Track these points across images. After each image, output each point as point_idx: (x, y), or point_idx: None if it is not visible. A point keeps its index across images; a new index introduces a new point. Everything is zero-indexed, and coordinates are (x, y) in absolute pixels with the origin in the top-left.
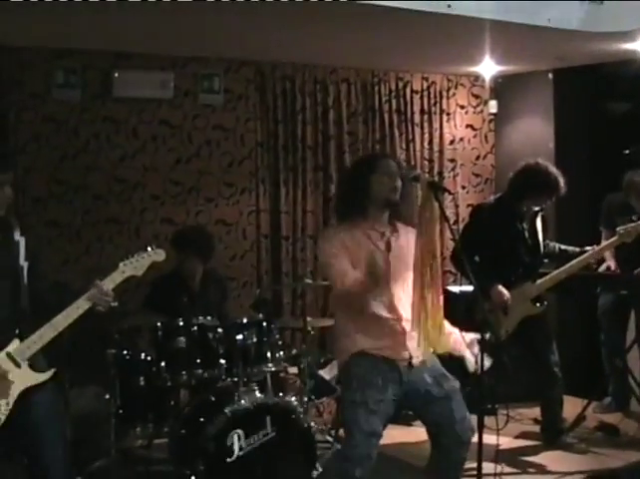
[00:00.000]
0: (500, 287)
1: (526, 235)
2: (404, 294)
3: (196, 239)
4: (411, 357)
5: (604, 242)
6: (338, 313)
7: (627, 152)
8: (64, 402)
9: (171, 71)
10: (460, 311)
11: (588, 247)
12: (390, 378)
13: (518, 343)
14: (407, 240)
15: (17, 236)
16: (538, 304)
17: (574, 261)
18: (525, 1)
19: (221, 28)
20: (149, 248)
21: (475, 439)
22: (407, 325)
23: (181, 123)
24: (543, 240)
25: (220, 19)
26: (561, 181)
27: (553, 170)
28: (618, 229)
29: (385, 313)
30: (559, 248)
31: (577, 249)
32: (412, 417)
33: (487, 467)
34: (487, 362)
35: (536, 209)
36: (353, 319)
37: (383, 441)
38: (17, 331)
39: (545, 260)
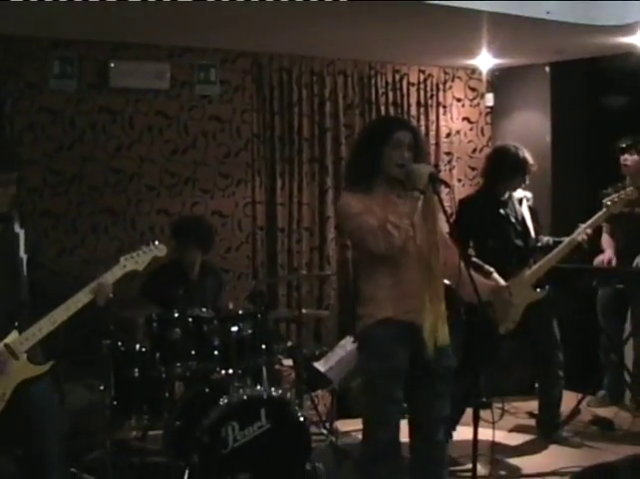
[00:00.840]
0: (499, 279)
1: (513, 220)
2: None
3: (197, 229)
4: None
5: (593, 217)
6: (363, 278)
7: (623, 145)
8: (60, 394)
9: (168, 62)
10: (460, 304)
11: (581, 224)
12: (407, 346)
13: (519, 338)
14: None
15: (17, 228)
16: (539, 290)
17: (566, 240)
18: None
19: (218, 19)
20: (150, 243)
21: (469, 433)
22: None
23: (178, 114)
24: (536, 233)
25: (217, 10)
26: (529, 158)
27: (520, 148)
28: (604, 200)
29: (405, 281)
30: (553, 241)
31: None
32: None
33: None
34: None
35: (519, 196)
36: (379, 284)
37: None
38: (16, 323)
39: (539, 244)
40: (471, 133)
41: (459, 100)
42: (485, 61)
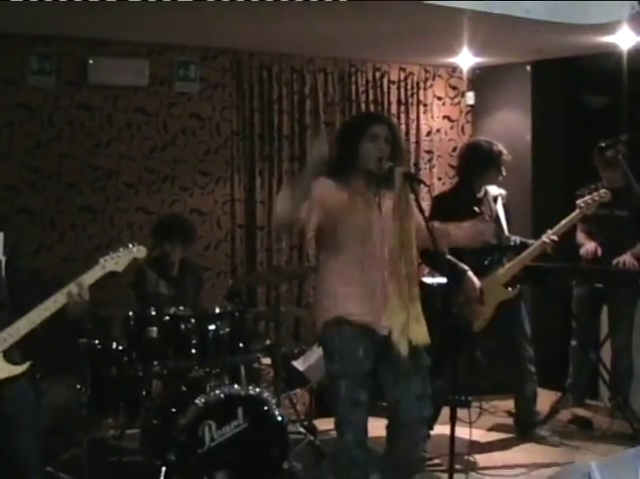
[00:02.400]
0: (473, 278)
1: (487, 218)
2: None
3: (179, 225)
4: (392, 328)
5: (566, 219)
6: (322, 272)
7: (602, 145)
8: (37, 393)
9: (147, 58)
10: (435, 303)
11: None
12: (369, 347)
13: (492, 336)
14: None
15: None
16: (511, 289)
17: (538, 241)
18: None
19: (198, 16)
20: (130, 245)
21: (447, 432)
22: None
23: (157, 111)
24: (508, 230)
25: (197, 7)
26: (503, 149)
27: (492, 141)
28: (578, 201)
29: (371, 278)
30: (520, 241)
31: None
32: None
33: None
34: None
35: (494, 193)
36: (337, 280)
37: None
38: None
39: (512, 241)
40: (451, 131)
41: (439, 98)
42: (466, 59)
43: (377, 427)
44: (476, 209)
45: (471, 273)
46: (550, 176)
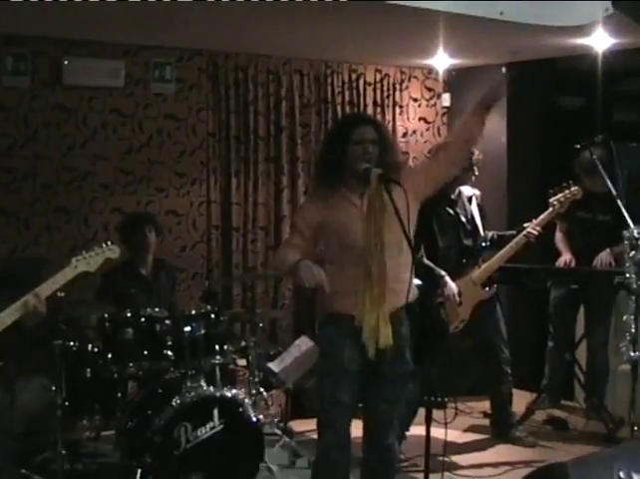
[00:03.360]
0: (450, 283)
1: (463, 219)
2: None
3: (145, 214)
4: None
5: (541, 216)
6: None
7: (578, 146)
8: (10, 394)
9: (123, 59)
10: (413, 305)
11: (527, 224)
12: (357, 347)
13: (469, 337)
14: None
15: None
16: (487, 289)
17: (516, 238)
18: None
19: (174, 16)
20: (103, 244)
21: (423, 433)
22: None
23: (133, 112)
24: (483, 229)
25: (173, 7)
26: (475, 151)
27: None
28: (551, 200)
29: (356, 274)
30: (497, 235)
31: (515, 232)
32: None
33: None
34: None
35: (469, 194)
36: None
37: None
38: None
39: (489, 238)
40: (427, 133)
41: (415, 100)
42: (442, 61)
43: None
44: (450, 210)
45: (447, 279)
46: (525, 176)
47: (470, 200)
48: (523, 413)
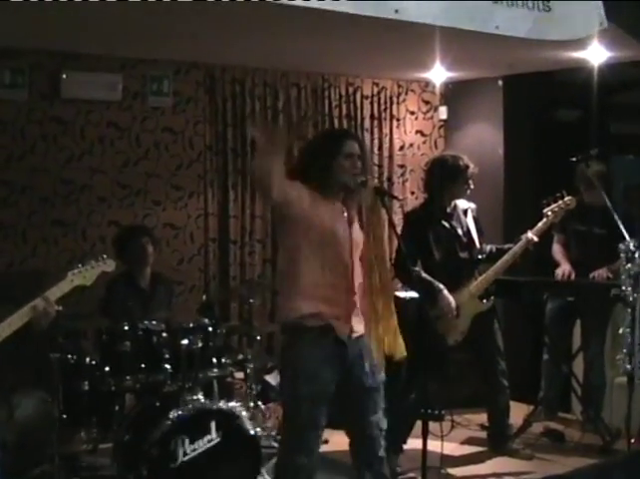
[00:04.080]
0: (448, 297)
1: (459, 232)
2: (360, 269)
3: (139, 226)
4: (352, 332)
5: (534, 228)
6: (284, 277)
7: (574, 159)
8: (8, 407)
9: (120, 73)
10: (410, 318)
11: (522, 236)
12: (338, 365)
13: (465, 349)
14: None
15: None
16: (485, 301)
17: (509, 252)
18: (473, 8)
19: (171, 30)
20: (99, 258)
21: (420, 446)
22: (357, 300)
23: (130, 125)
24: (479, 242)
25: (170, 21)
26: (470, 164)
27: (458, 155)
28: (545, 210)
29: (338, 282)
30: (496, 248)
31: (512, 245)
32: None
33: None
34: None
35: (464, 207)
36: (306, 283)
37: (331, 446)
38: None
39: (481, 256)
40: (424, 146)
41: (412, 113)
42: (439, 74)
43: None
44: (445, 223)
45: (445, 292)
46: (522, 188)
47: (465, 213)
48: (520, 425)
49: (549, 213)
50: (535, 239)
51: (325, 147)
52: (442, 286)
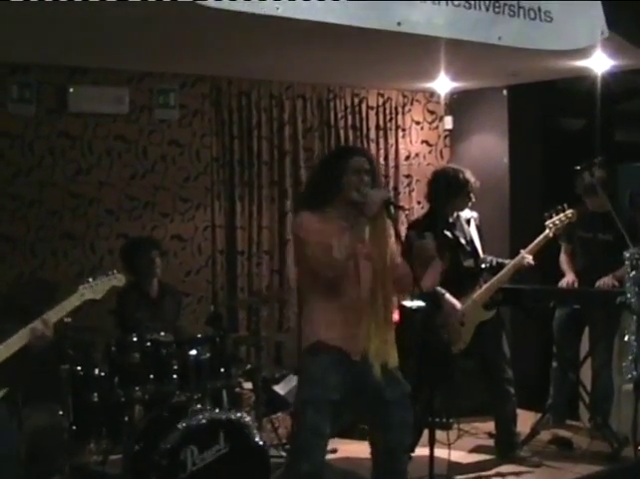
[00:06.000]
0: (452, 300)
1: (462, 241)
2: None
3: (145, 238)
4: (365, 351)
5: (535, 240)
6: (303, 302)
7: (578, 168)
8: (17, 419)
9: (127, 86)
10: (415, 326)
11: (522, 250)
12: (343, 376)
13: (472, 357)
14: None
15: None
16: (490, 310)
17: (511, 263)
18: (475, 19)
19: (177, 43)
20: (109, 272)
21: (427, 453)
22: (364, 320)
23: (137, 138)
24: (482, 250)
25: (176, 34)
26: (469, 177)
27: (459, 169)
28: (547, 222)
29: (347, 305)
30: (496, 262)
31: (511, 261)
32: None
33: None
34: None
35: (467, 216)
36: (316, 309)
37: (340, 455)
38: None
39: (484, 265)
40: (430, 155)
41: (417, 123)
42: (444, 84)
43: (356, 450)
44: (448, 233)
45: (449, 296)
46: (528, 198)
47: (468, 222)
48: (528, 433)
49: (550, 225)
50: (530, 258)
51: (334, 163)
52: (444, 291)
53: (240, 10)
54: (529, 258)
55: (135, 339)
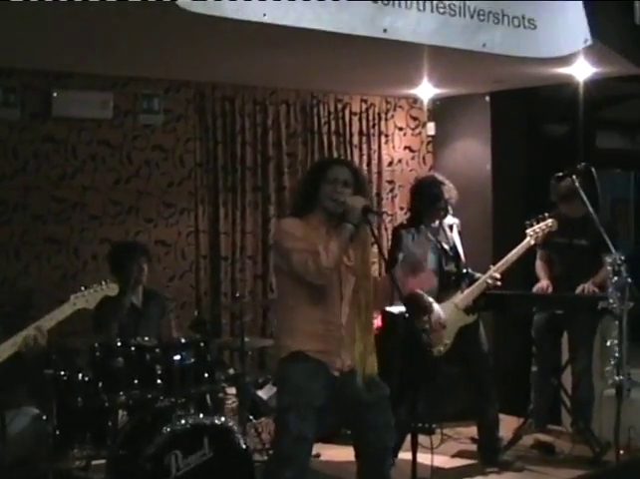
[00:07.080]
0: (436, 306)
1: (445, 246)
2: (346, 302)
3: (137, 244)
4: (344, 364)
5: (516, 248)
6: (282, 311)
7: (558, 175)
8: (1, 424)
9: (111, 91)
10: (398, 331)
11: (492, 266)
12: (323, 384)
13: (453, 362)
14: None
15: None
16: (471, 314)
17: (497, 265)
18: (460, 27)
19: (161, 48)
20: (102, 282)
21: (409, 458)
22: (344, 332)
23: (121, 143)
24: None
25: (160, 39)
26: (446, 194)
27: (437, 180)
28: (528, 231)
29: (328, 317)
30: (469, 273)
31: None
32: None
33: None
34: None
35: (450, 222)
36: (296, 318)
37: (324, 460)
38: None
39: (466, 270)
40: (412, 162)
41: (400, 129)
42: (426, 91)
43: (339, 454)
44: (431, 237)
45: (436, 305)
46: (510, 203)
47: (451, 228)
48: (511, 438)
49: (532, 233)
50: (497, 276)
51: (313, 173)
52: (431, 299)
53: (226, 16)
54: (497, 277)
55: (119, 344)
